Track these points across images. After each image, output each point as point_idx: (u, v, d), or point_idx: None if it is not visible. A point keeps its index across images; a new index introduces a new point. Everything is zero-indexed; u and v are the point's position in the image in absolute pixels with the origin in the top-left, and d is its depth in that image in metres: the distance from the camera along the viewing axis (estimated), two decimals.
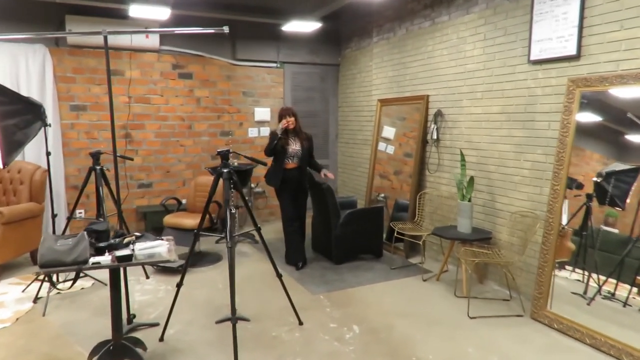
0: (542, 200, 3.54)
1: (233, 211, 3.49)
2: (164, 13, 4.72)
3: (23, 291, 3.87)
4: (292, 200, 4.57)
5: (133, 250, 2.48)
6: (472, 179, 3.96)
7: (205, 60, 5.77)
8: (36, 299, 3.67)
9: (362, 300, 3.76)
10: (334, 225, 4.58)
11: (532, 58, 3.58)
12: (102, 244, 2.49)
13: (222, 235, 3.27)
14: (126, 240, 2.59)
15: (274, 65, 6.19)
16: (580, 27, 3.22)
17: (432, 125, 4.65)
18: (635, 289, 2.84)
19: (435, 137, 4.63)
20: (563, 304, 3.23)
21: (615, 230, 3.02)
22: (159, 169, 5.69)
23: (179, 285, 3.03)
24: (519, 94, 3.74)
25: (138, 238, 2.66)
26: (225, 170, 2.84)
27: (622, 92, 3.01)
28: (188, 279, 4.16)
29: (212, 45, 5.75)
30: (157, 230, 5.16)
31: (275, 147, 4.36)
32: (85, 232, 2.48)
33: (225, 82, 5.92)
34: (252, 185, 6.05)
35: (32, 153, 4.85)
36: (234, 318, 2.64)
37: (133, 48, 5.33)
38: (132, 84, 5.42)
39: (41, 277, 3.76)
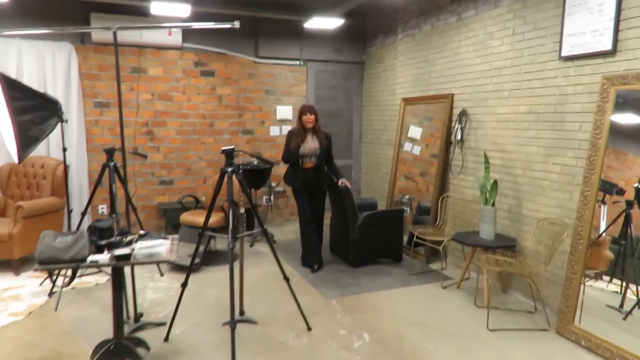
0: (572, 207, 3.29)
1: (242, 211, 3.44)
2: (184, 10, 4.70)
3: (40, 284, 3.93)
4: (309, 201, 4.45)
5: (133, 249, 2.44)
6: (495, 182, 3.74)
7: (227, 58, 5.73)
8: (51, 293, 3.72)
9: (376, 307, 3.61)
10: (351, 227, 4.44)
11: (563, 54, 3.33)
12: (102, 242, 2.45)
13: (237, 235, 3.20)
14: (128, 238, 2.55)
15: (297, 63, 6.09)
16: (617, 20, 2.95)
17: (457, 125, 4.44)
18: None
19: (459, 137, 4.42)
20: (595, 318, 2.98)
21: None
22: (180, 166, 5.70)
23: (183, 285, 2.97)
24: (548, 93, 3.49)
25: (141, 237, 2.63)
26: (229, 169, 2.75)
27: None
28: (201, 278, 4.15)
29: (234, 42, 5.71)
30: (176, 227, 5.17)
31: (291, 152, 4.31)
32: (85, 230, 2.45)
33: (248, 80, 5.87)
34: (273, 184, 5.98)
35: (55, 149, 4.94)
36: (233, 322, 2.55)
37: (156, 45, 5.35)
38: (154, 81, 5.45)
39: (56, 272, 3.80)
